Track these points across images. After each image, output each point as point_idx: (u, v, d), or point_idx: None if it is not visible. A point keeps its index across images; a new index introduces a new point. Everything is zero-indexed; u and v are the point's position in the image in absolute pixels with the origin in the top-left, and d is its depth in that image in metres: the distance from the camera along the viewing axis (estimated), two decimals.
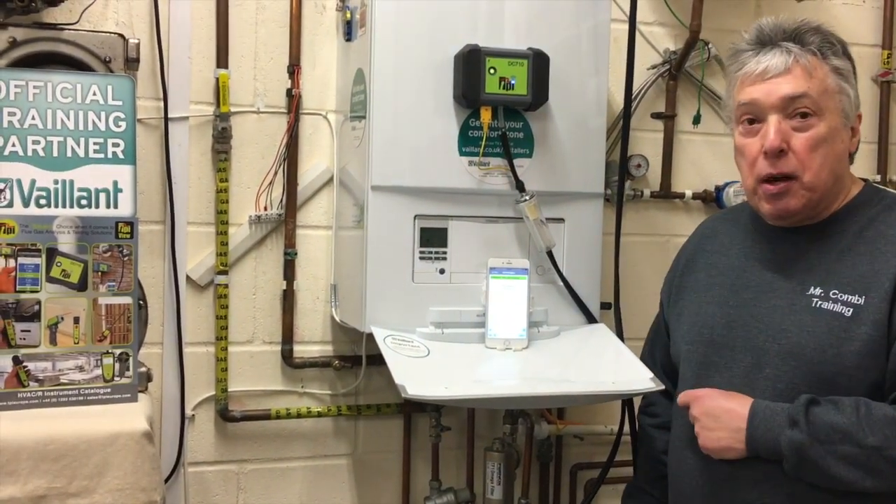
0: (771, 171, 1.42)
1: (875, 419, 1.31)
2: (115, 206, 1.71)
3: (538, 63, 1.82)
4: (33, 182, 1.66)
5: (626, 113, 2.00)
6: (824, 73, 1.41)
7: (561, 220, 1.94)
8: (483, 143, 1.84)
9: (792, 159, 1.41)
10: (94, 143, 1.70)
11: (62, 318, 1.68)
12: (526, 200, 1.86)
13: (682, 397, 1.49)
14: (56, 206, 1.67)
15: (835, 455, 1.31)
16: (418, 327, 1.84)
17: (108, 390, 1.71)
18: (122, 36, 1.88)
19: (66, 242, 1.68)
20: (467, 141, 1.85)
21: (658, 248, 2.37)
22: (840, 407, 1.33)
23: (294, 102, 2.06)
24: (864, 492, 1.32)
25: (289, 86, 2.07)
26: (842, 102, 1.41)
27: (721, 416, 1.41)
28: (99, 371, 1.71)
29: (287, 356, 2.11)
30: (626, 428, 2.09)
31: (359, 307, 1.87)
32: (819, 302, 1.39)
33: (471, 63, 1.79)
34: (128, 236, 1.72)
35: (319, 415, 2.14)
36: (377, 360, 1.91)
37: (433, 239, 1.86)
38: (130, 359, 1.73)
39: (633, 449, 2.03)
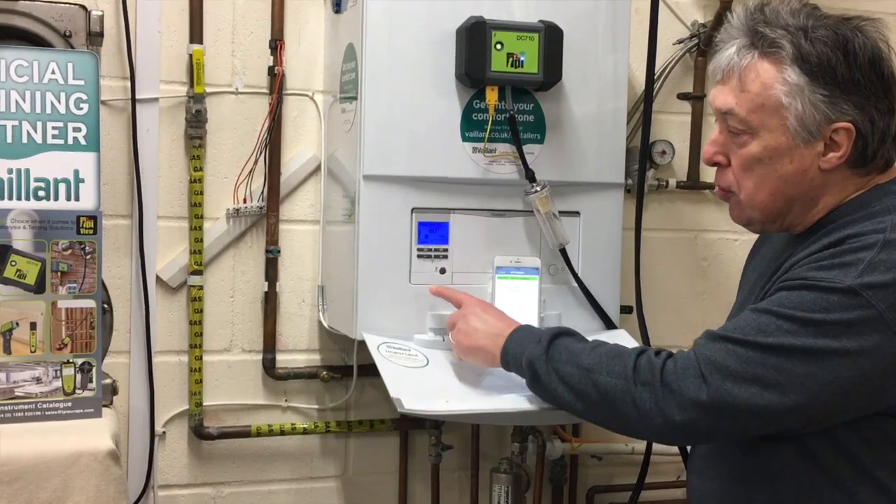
0: (716, 180, 1.51)
1: (602, 349, 1.47)
2: (77, 199, 1.71)
3: (551, 37, 1.82)
4: None
5: (649, 93, 2.00)
6: (766, 84, 1.38)
7: (576, 213, 1.94)
8: (489, 127, 1.84)
9: (729, 174, 1.47)
10: (53, 128, 1.70)
11: (17, 324, 1.68)
12: (536, 192, 1.86)
13: (461, 295, 1.76)
14: (10, 198, 1.67)
15: (557, 373, 1.48)
16: (416, 334, 1.84)
17: (69, 404, 1.72)
18: (83, 7, 1.88)
19: (21, 239, 1.68)
20: (471, 125, 1.85)
21: (685, 244, 2.37)
22: (583, 339, 1.53)
23: (277, 82, 2.06)
24: (580, 418, 1.50)
25: (271, 63, 2.07)
26: (785, 119, 1.38)
27: (489, 321, 1.65)
28: (58, 383, 1.71)
29: (269, 366, 2.12)
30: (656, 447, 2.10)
31: (349, 311, 1.87)
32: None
33: (475, 37, 1.79)
34: (90, 232, 1.72)
35: (305, 432, 2.14)
36: (370, 370, 1.91)
37: (433, 235, 1.87)
38: (94, 369, 1.73)
39: (643, 468, 2.04)
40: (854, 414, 1.35)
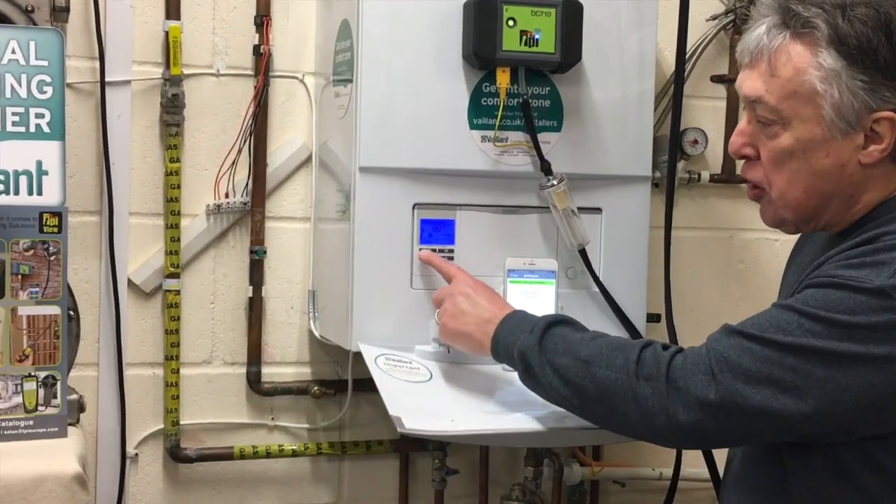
0: (744, 174, 1.52)
1: (602, 339, 1.49)
2: (40, 193, 1.71)
3: (569, 13, 1.82)
4: None
5: (679, 76, 2.00)
6: (798, 69, 1.38)
7: (597, 209, 1.94)
8: (499, 113, 1.84)
9: (759, 168, 1.47)
10: (13, 114, 1.71)
11: None
12: (553, 185, 1.86)
13: (452, 269, 1.78)
14: None
15: (552, 365, 1.49)
16: (418, 345, 1.84)
17: (31, 423, 1.72)
18: None
19: None
20: (480, 111, 1.85)
21: (719, 244, 2.37)
22: (582, 328, 1.54)
23: (263, 62, 2.06)
24: (578, 416, 1.50)
25: (256, 41, 2.07)
26: (820, 108, 1.38)
27: (479, 304, 1.66)
28: (19, 399, 1.71)
29: (254, 380, 2.12)
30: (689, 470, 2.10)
31: (344, 319, 1.87)
32: None
33: (484, 13, 1.79)
34: (55, 230, 1.72)
35: (294, 454, 2.14)
36: (367, 385, 1.91)
37: (437, 234, 1.87)
38: (58, 384, 1.73)
39: (670, 495, 2.04)
40: (886, 427, 1.35)
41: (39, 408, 1.72)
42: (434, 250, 1.86)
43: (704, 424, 1.36)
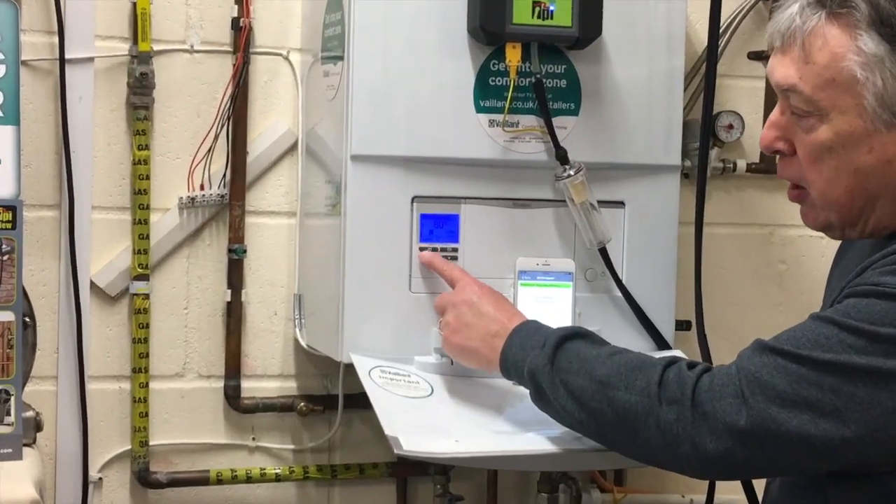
0: (779, 172, 1.51)
1: (621, 357, 1.49)
2: None
3: None
4: None
5: (712, 52, 2.00)
6: (836, 54, 1.37)
7: (620, 203, 1.95)
8: (509, 95, 1.84)
9: (797, 165, 1.46)
10: None
11: None
12: (570, 176, 1.86)
13: (456, 272, 1.80)
14: None
15: (566, 386, 1.50)
16: (417, 355, 1.84)
17: None
18: None
19: None
20: (487, 92, 1.86)
21: (757, 242, 2.37)
22: (600, 342, 1.56)
23: (243, 37, 2.06)
24: (596, 442, 1.52)
25: (235, 14, 2.07)
26: (861, 98, 1.37)
27: (486, 314, 1.67)
28: None
29: (232, 396, 2.12)
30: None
31: (334, 327, 1.88)
32: None
33: None
34: (8, 226, 1.72)
35: (278, 478, 2.15)
36: (360, 401, 1.91)
37: (439, 231, 1.87)
38: (12, 399, 1.73)
39: None
40: None
41: None
42: (435, 249, 1.87)
43: (734, 453, 1.36)
